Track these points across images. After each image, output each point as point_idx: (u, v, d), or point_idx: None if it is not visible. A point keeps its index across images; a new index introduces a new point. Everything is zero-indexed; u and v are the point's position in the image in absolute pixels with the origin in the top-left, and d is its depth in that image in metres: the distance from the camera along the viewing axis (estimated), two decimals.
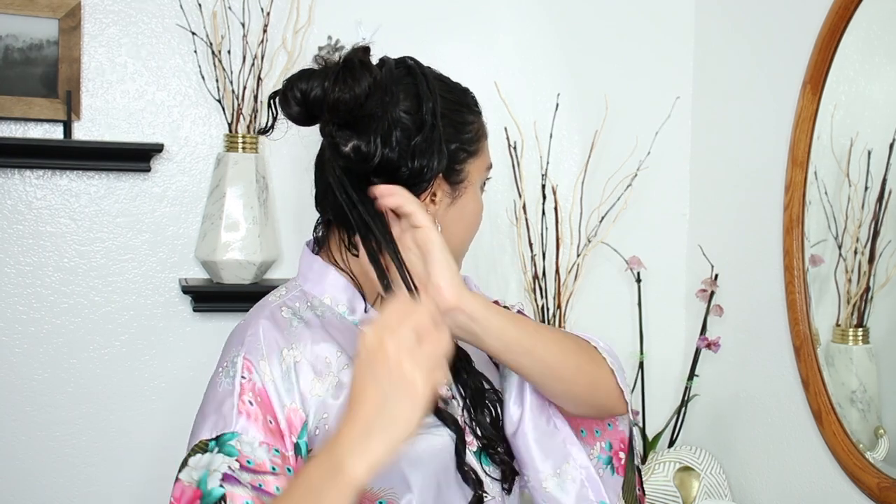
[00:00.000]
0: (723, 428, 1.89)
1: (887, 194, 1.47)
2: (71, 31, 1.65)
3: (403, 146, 0.97)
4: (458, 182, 1.04)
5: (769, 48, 1.77)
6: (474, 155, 1.06)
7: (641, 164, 1.87)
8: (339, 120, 0.96)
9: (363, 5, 1.80)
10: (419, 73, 1.02)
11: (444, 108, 1.01)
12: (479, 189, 1.08)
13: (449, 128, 1.02)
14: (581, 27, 1.98)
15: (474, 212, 1.08)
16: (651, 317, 1.96)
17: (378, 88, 0.96)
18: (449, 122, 1.02)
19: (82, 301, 1.70)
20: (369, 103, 0.95)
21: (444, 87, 1.04)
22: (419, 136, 0.98)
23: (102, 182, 1.71)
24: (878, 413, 1.52)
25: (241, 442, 0.90)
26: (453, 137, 1.03)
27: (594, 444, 1.12)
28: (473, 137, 1.06)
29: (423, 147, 0.98)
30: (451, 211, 1.04)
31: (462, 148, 1.04)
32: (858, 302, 1.52)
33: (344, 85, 0.94)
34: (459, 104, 1.05)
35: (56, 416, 1.69)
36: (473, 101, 1.09)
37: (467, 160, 1.05)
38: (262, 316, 1.00)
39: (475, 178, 1.07)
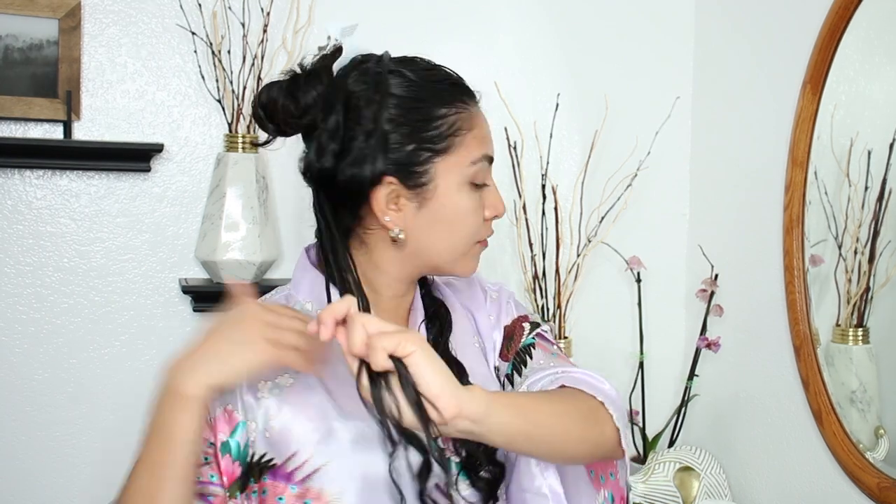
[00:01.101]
0: (723, 428, 1.89)
1: (887, 194, 1.47)
2: (71, 31, 1.65)
3: (339, 156, 0.97)
4: (422, 185, 0.99)
5: (769, 48, 1.77)
6: (444, 153, 0.99)
7: (641, 164, 1.87)
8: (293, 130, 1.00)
9: (363, 5, 1.80)
10: (373, 75, 0.99)
11: (401, 108, 0.97)
12: (463, 187, 1.01)
13: (403, 128, 0.97)
14: (581, 27, 1.98)
15: (456, 213, 1.01)
16: (651, 317, 1.96)
17: (323, 98, 0.97)
18: (404, 122, 0.97)
19: (82, 301, 1.70)
20: (313, 113, 0.97)
21: (404, 83, 0.99)
22: (354, 145, 0.96)
23: (102, 182, 1.71)
24: (878, 413, 1.52)
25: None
26: (409, 138, 0.97)
27: (599, 489, 1.08)
28: (445, 133, 0.99)
29: (358, 155, 0.96)
30: (422, 215, 1.00)
31: (423, 148, 0.98)
32: (858, 302, 1.52)
33: (290, 96, 0.97)
34: (421, 100, 0.99)
35: (56, 416, 1.69)
36: (450, 91, 1.02)
37: (432, 160, 0.98)
38: None
39: (451, 177, 1.00)
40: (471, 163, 1.01)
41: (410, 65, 1.02)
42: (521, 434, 0.89)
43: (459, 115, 1.01)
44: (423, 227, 1.00)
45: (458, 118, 1.00)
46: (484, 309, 1.15)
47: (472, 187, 1.02)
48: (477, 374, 1.07)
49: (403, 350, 0.80)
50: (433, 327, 1.09)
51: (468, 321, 1.13)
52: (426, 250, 1.02)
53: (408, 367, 0.80)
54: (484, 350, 1.12)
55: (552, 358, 1.10)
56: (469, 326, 1.12)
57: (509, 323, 1.14)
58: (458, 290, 1.16)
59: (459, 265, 1.05)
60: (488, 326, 1.13)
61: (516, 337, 1.13)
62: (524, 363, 1.09)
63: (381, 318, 0.85)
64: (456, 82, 1.04)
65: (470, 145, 1.01)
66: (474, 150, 1.01)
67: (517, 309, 1.17)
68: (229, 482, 0.96)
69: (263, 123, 1.01)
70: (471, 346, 1.11)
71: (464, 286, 1.17)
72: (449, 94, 1.01)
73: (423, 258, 1.03)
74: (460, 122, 1.00)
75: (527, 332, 1.13)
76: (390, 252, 1.03)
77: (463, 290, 1.16)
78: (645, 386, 1.92)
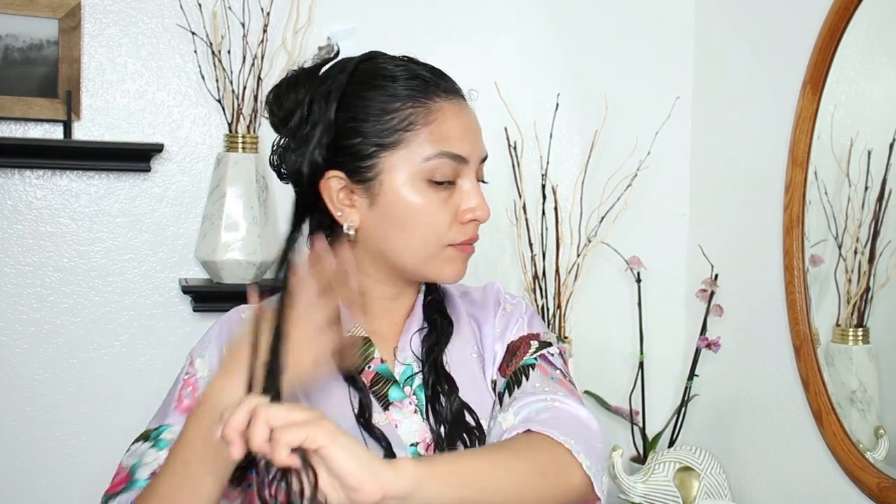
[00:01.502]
0: (723, 428, 1.89)
1: (887, 194, 1.47)
2: (71, 31, 1.65)
3: (285, 152, 1.01)
4: (368, 180, 0.97)
5: (769, 48, 1.77)
6: (391, 147, 0.97)
7: (641, 164, 1.87)
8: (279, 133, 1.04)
9: (363, 5, 1.80)
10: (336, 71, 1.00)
11: (352, 104, 0.97)
12: (416, 184, 0.97)
13: (352, 122, 0.97)
14: (581, 27, 1.98)
15: (407, 211, 0.97)
16: (651, 317, 1.96)
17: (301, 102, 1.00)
18: (353, 117, 0.97)
19: (82, 301, 1.70)
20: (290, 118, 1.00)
21: (363, 78, 0.98)
22: (300, 136, 0.98)
23: (102, 182, 1.71)
24: (878, 413, 1.52)
25: (171, 432, 0.97)
26: (356, 132, 0.97)
27: None
28: (396, 127, 0.97)
29: (301, 148, 0.98)
30: (374, 212, 0.99)
31: (369, 142, 0.97)
32: (858, 302, 1.52)
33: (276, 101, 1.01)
34: (374, 96, 0.97)
35: (56, 416, 1.69)
36: (411, 87, 0.98)
37: (378, 154, 0.97)
38: (224, 317, 1.07)
39: (399, 173, 0.97)
40: (424, 159, 0.97)
41: (378, 59, 1.01)
42: (461, 502, 0.83)
43: (416, 109, 0.97)
44: (376, 224, 0.99)
45: (412, 113, 0.97)
46: (491, 321, 1.11)
47: (428, 185, 0.98)
48: (469, 389, 1.03)
49: (313, 443, 0.73)
50: (429, 338, 1.05)
51: (471, 331, 1.09)
52: (386, 250, 1.00)
53: (323, 458, 0.74)
54: (483, 362, 1.08)
55: (549, 382, 1.04)
56: (470, 337, 1.09)
57: (516, 339, 1.09)
58: (472, 301, 1.13)
59: (432, 269, 1.01)
60: (492, 339, 1.10)
61: (519, 354, 1.08)
62: (518, 384, 1.04)
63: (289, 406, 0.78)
64: (425, 79, 1.00)
65: (424, 141, 0.97)
66: (429, 146, 0.97)
67: (530, 326, 1.11)
68: None
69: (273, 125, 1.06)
70: (469, 357, 1.07)
71: (479, 297, 1.14)
72: (407, 89, 0.98)
73: (388, 259, 1.01)
74: (414, 118, 0.97)
75: (531, 351, 1.08)
76: (360, 251, 1.03)
77: (477, 300, 1.13)
78: (645, 386, 1.92)
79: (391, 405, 1.00)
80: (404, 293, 1.08)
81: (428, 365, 1.02)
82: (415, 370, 1.03)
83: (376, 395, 1.00)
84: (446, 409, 1.00)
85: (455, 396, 1.01)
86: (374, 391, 1.00)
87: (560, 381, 1.05)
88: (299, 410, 0.76)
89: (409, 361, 1.04)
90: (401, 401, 1.01)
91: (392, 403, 1.00)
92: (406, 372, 1.03)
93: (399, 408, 1.00)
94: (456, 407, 1.00)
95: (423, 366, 1.02)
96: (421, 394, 1.01)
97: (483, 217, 1.01)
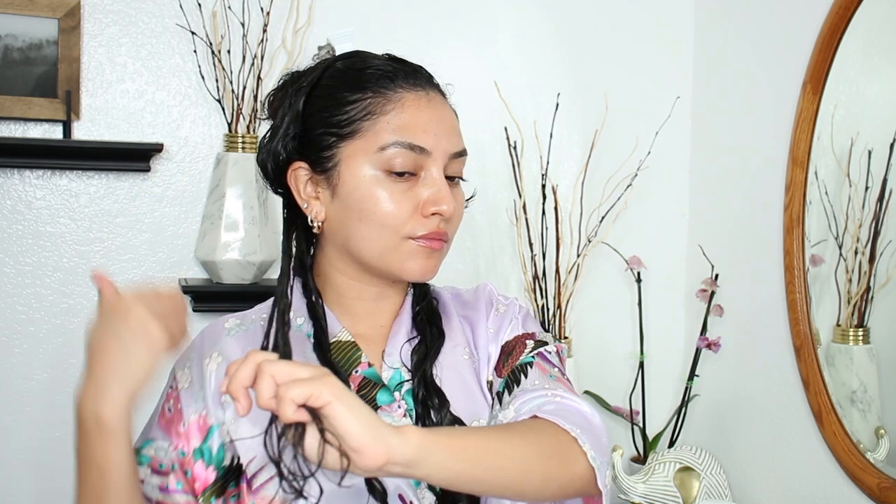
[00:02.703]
0: (723, 428, 1.89)
1: (888, 194, 1.47)
2: (71, 30, 1.65)
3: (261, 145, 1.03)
4: (328, 170, 0.98)
5: (769, 48, 1.77)
6: (348, 137, 0.97)
7: (641, 164, 1.87)
8: None
9: (363, 5, 1.80)
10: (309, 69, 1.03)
11: (316, 96, 1.00)
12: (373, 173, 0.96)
13: (316, 114, 0.99)
14: (581, 27, 1.98)
15: (363, 201, 0.96)
16: (651, 317, 1.96)
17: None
18: (316, 108, 0.99)
19: (82, 301, 1.70)
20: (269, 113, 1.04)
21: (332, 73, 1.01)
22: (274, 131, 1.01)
23: (102, 182, 1.71)
24: (878, 413, 1.52)
25: (154, 448, 0.98)
26: (318, 123, 0.99)
27: None
28: (354, 117, 0.97)
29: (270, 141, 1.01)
30: (336, 204, 0.99)
31: (329, 133, 0.98)
32: (859, 302, 1.52)
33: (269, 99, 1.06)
34: (335, 87, 0.99)
35: (56, 416, 1.69)
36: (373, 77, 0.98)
37: (337, 144, 0.97)
38: (207, 328, 1.05)
39: (356, 163, 0.96)
40: (379, 148, 0.96)
41: (362, 58, 1.02)
42: (464, 476, 0.81)
43: (375, 100, 0.97)
44: (338, 216, 0.99)
45: (371, 103, 0.97)
46: (484, 322, 1.09)
47: (386, 175, 0.96)
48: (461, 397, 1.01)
49: (318, 400, 0.72)
50: (418, 350, 1.03)
51: (461, 332, 1.07)
52: (347, 243, 0.99)
53: (325, 417, 0.73)
54: (477, 364, 1.06)
55: (548, 380, 1.02)
56: (461, 338, 1.06)
57: (511, 339, 1.08)
58: (464, 303, 1.11)
59: (394, 264, 0.98)
60: (485, 340, 1.07)
61: (515, 353, 1.06)
62: (517, 382, 1.02)
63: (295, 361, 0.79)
64: (391, 71, 0.99)
65: (382, 131, 0.96)
66: (386, 135, 0.96)
67: (524, 325, 1.10)
68: (202, 487, 0.95)
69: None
70: (460, 360, 1.05)
71: (471, 298, 1.12)
72: (369, 79, 0.98)
73: (352, 252, 1.00)
74: (373, 107, 0.97)
75: (528, 350, 1.06)
76: (328, 249, 1.03)
77: (469, 301, 1.12)
78: (645, 386, 1.92)
79: (379, 409, 0.98)
80: (387, 294, 1.05)
81: (417, 378, 0.99)
82: (404, 377, 1.01)
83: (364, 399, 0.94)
84: (437, 425, 0.97)
85: (446, 411, 0.98)
86: (362, 395, 0.97)
87: (559, 379, 1.04)
88: (305, 367, 0.75)
89: (397, 366, 1.01)
90: (389, 405, 0.99)
91: (381, 408, 0.98)
92: (395, 377, 1.00)
93: (388, 412, 0.98)
94: (447, 422, 0.98)
95: (413, 378, 1.00)
96: (409, 398, 0.99)
97: (446, 211, 0.97)
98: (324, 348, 0.98)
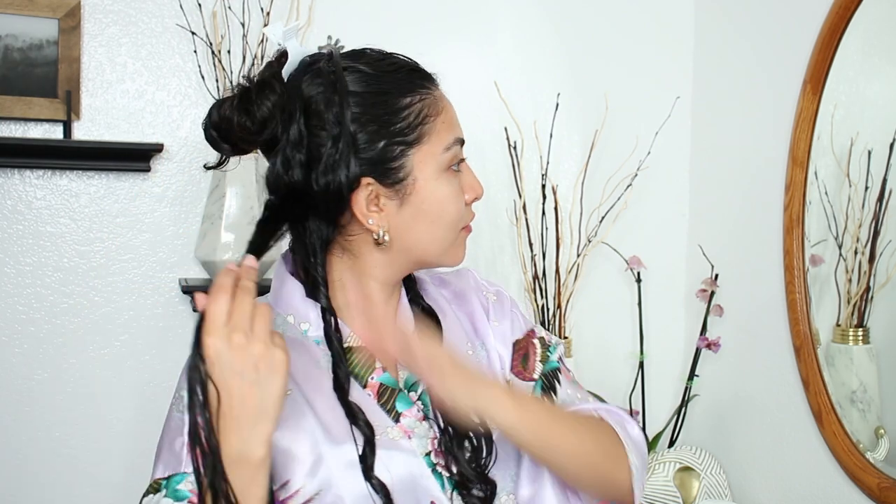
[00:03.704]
0: (723, 428, 1.89)
1: (887, 194, 1.47)
2: (71, 30, 1.65)
3: (310, 166, 0.92)
4: (400, 181, 0.94)
5: (769, 48, 1.77)
6: (417, 143, 0.94)
7: (641, 164, 1.87)
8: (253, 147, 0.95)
9: (363, 5, 1.80)
10: (327, 74, 0.93)
11: (363, 105, 0.93)
12: (441, 175, 0.96)
13: (371, 125, 0.93)
14: (581, 27, 1.98)
15: (437, 202, 0.96)
16: (651, 317, 1.96)
17: (279, 108, 0.92)
18: (370, 119, 0.93)
19: (82, 301, 1.70)
20: (271, 126, 0.91)
21: (362, 78, 0.94)
22: (323, 151, 0.91)
23: (102, 182, 1.71)
24: (878, 413, 1.52)
25: (190, 482, 0.90)
26: (378, 135, 0.93)
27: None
28: (414, 122, 0.94)
29: (329, 162, 0.91)
30: (404, 212, 0.96)
31: (395, 142, 0.93)
32: (859, 302, 1.52)
33: (244, 111, 0.91)
34: (384, 93, 0.94)
35: (56, 416, 1.69)
36: (408, 78, 0.97)
37: (406, 153, 0.94)
38: None
39: (427, 167, 0.95)
40: (444, 149, 0.96)
41: (362, 58, 0.97)
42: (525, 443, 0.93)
43: (424, 101, 0.96)
44: (407, 223, 0.96)
45: (423, 105, 0.96)
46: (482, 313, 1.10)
47: (450, 173, 0.97)
48: None
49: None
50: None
51: (461, 328, 1.08)
52: (413, 247, 0.98)
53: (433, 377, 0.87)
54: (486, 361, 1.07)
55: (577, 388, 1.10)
56: (461, 333, 1.07)
57: (521, 337, 1.10)
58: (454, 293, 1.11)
59: (449, 256, 1.01)
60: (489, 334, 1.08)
61: (531, 355, 1.08)
62: (553, 389, 1.07)
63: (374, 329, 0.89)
64: (413, 68, 0.98)
65: (441, 131, 0.96)
66: (445, 135, 0.96)
67: (524, 321, 1.12)
68: None
69: (217, 144, 0.95)
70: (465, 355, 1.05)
71: (456, 284, 1.12)
72: (408, 81, 0.96)
73: (412, 255, 0.99)
74: (426, 109, 0.96)
75: (539, 350, 1.09)
76: (375, 255, 0.98)
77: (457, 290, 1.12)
78: (645, 386, 1.92)
79: (401, 415, 0.98)
80: (395, 293, 1.05)
81: None
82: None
83: (385, 408, 0.97)
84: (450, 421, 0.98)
85: None
86: (382, 404, 0.97)
87: (578, 384, 1.12)
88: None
89: None
90: (409, 409, 0.99)
91: (402, 414, 0.98)
92: (410, 378, 1.00)
93: (409, 417, 0.98)
94: None
95: None
96: (426, 397, 1.00)
97: (481, 194, 1.02)
98: (340, 356, 0.96)
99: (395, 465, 0.94)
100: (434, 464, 0.96)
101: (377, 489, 0.91)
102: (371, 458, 0.92)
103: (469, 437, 0.98)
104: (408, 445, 0.96)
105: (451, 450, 0.97)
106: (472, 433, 0.99)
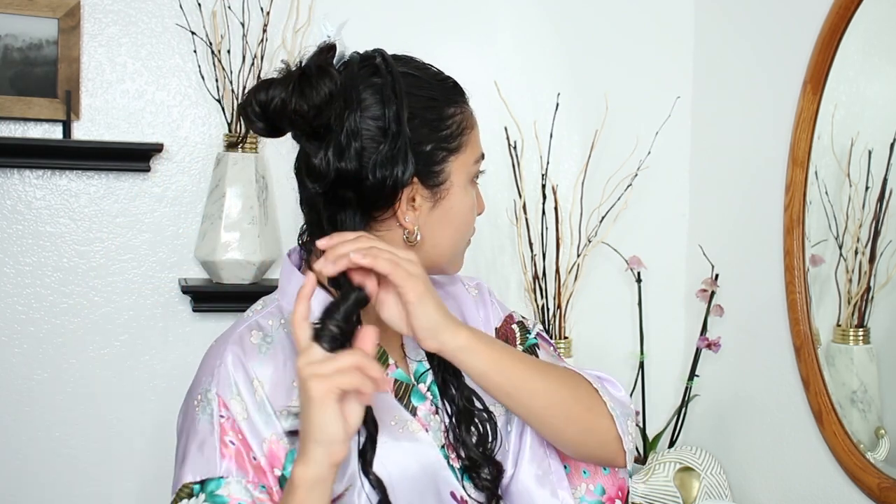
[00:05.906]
0: (723, 428, 1.89)
1: (888, 194, 1.47)
2: (70, 30, 1.65)
3: (364, 157, 0.93)
4: (439, 184, 0.98)
5: (769, 48, 1.77)
6: (457, 151, 0.99)
7: (641, 164, 1.87)
8: (302, 131, 0.94)
9: (363, 5, 1.80)
10: (385, 73, 0.95)
11: (416, 107, 0.95)
12: (467, 185, 1.01)
13: (422, 128, 0.96)
14: (581, 27, 1.98)
15: (462, 211, 1.01)
16: (651, 317, 1.96)
17: (338, 96, 0.92)
18: (421, 121, 0.96)
19: (82, 301, 1.70)
20: (327, 112, 0.92)
21: (415, 82, 0.97)
22: (381, 145, 0.93)
23: (102, 182, 1.71)
24: (878, 413, 1.52)
25: (228, 487, 0.90)
26: (427, 138, 0.96)
27: (578, 484, 1.09)
28: (455, 132, 0.99)
29: (387, 156, 0.93)
30: (434, 214, 0.99)
31: (440, 147, 0.97)
32: (859, 302, 1.52)
33: (301, 95, 0.91)
34: (434, 99, 0.98)
35: (56, 416, 1.69)
36: (453, 90, 1.01)
37: (447, 159, 0.98)
38: (231, 341, 0.97)
39: (460, 176, 0.99)
40: (475, 160, 1.02)
41: (411, 62, 1.00)
42: (499, 389, 0.95)
43: (463, 113, 1.01)
44: (433, 226, 0.99)
45: (462, 117, 1.00)
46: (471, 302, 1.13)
47: (473, 185, 1.03)
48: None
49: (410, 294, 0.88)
50: None
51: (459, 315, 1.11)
52: (433, 249, 1.00)
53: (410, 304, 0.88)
54: None
55: (554, 358, 1.12)
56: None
57: (499, 325, 1.13)
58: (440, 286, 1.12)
59: (454, 263, 1.05)
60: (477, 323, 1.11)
61: (511, 341, 1.12)
62: None
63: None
64: (455, 82, 1.03)
65: (473, 144, 1.01)
66: (476, 148, 1.02)
67: (502, 308, 1.16)
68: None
69: (253, 123, 0.95)
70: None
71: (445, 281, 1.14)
72: (454, 93, 1.01)
73: (429, 257, 1.00)
74: (465, 121, 1.00)
75: (518, 334, 1.13)
76: None
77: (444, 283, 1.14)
78: (645, 386, 1.92)
79: (417, 409, 1.01)
80: None
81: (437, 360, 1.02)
82: (426, 366, 1.04)
83: (402, 403, 1.00)
84: (458, 397, 1.02)
85: (461, 382, 1.03)
86: (399, 399, 1.00)
87: (560, 358, 1.14)
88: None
89: (419, 358, 1.04)
90: (422, 403, 1.02)
91: (417, 408, 1.01)
92: (419, 369, 1.04)
93: (423, 410, 1.01)
94: (466, 394, 1.03)
95: (432, 360, 1.03)
96: (435, 388, 1.03)
97: (484, 210, 1.08)
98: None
99: (418, 458, 0.97)
100: (448, 456, 1.00)
101: (374, 485, 0.93)
102: (371, 453, 0.93)
103: (475, 424, 1.02)
104: (426, 438, 0.99)
105: (459, 436, 1.00)
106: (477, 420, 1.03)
